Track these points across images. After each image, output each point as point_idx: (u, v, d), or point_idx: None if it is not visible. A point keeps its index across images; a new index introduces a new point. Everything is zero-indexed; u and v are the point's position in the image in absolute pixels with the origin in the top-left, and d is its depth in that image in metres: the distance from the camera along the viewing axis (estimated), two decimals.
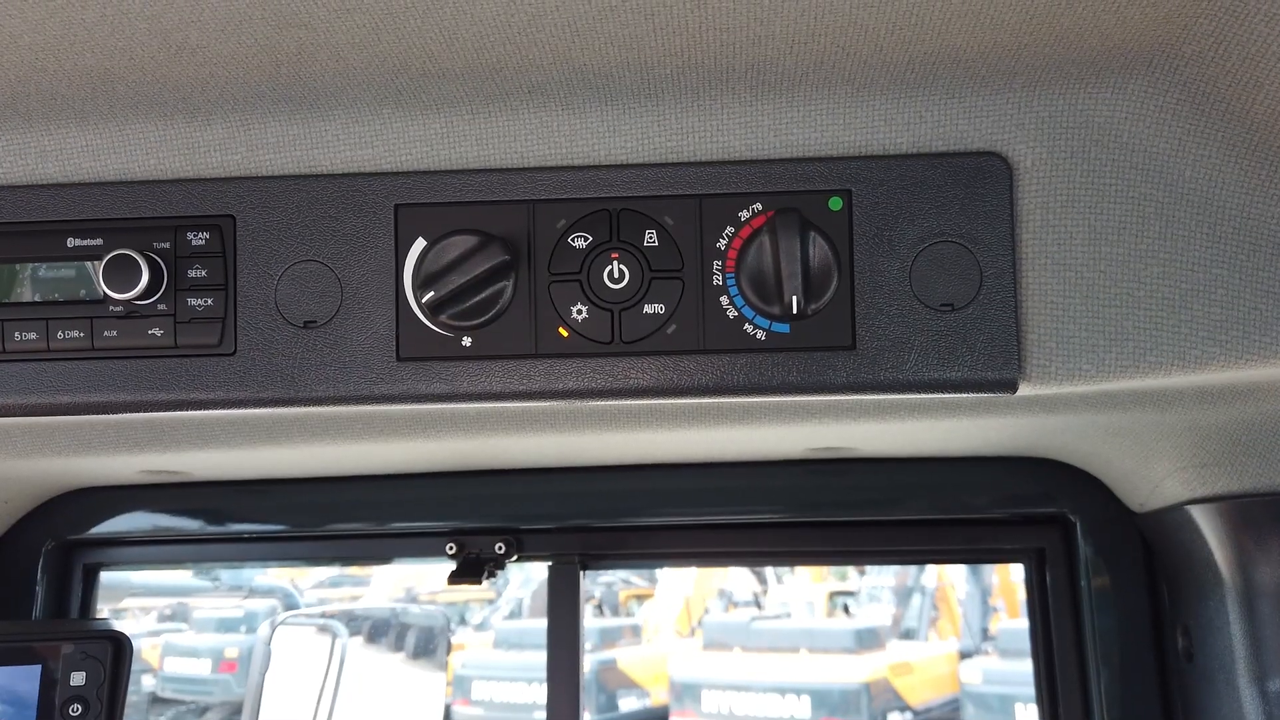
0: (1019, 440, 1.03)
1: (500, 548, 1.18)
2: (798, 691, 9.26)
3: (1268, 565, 0.87)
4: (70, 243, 0.73)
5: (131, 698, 1.04)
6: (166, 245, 0.73)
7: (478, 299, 0.70)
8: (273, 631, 1.69)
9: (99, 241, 0.73)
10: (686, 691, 9.58)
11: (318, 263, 0.73)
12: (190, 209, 0.73)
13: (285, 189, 0.73)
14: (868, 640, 9.94)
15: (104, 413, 0.74)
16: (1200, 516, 0.91)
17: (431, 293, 0.70)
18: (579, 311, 0.72)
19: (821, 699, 9.20)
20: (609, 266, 0.71)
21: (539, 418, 0.88)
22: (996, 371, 0.69)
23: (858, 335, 0.70)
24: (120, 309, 0.73)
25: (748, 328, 0.71)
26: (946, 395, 0.70)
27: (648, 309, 0.71)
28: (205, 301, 0.73)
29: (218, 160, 0.73)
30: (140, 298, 0.71)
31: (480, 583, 1.14)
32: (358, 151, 0.73)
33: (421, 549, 1.20)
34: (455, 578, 1.15)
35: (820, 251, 0.69)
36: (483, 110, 0.72)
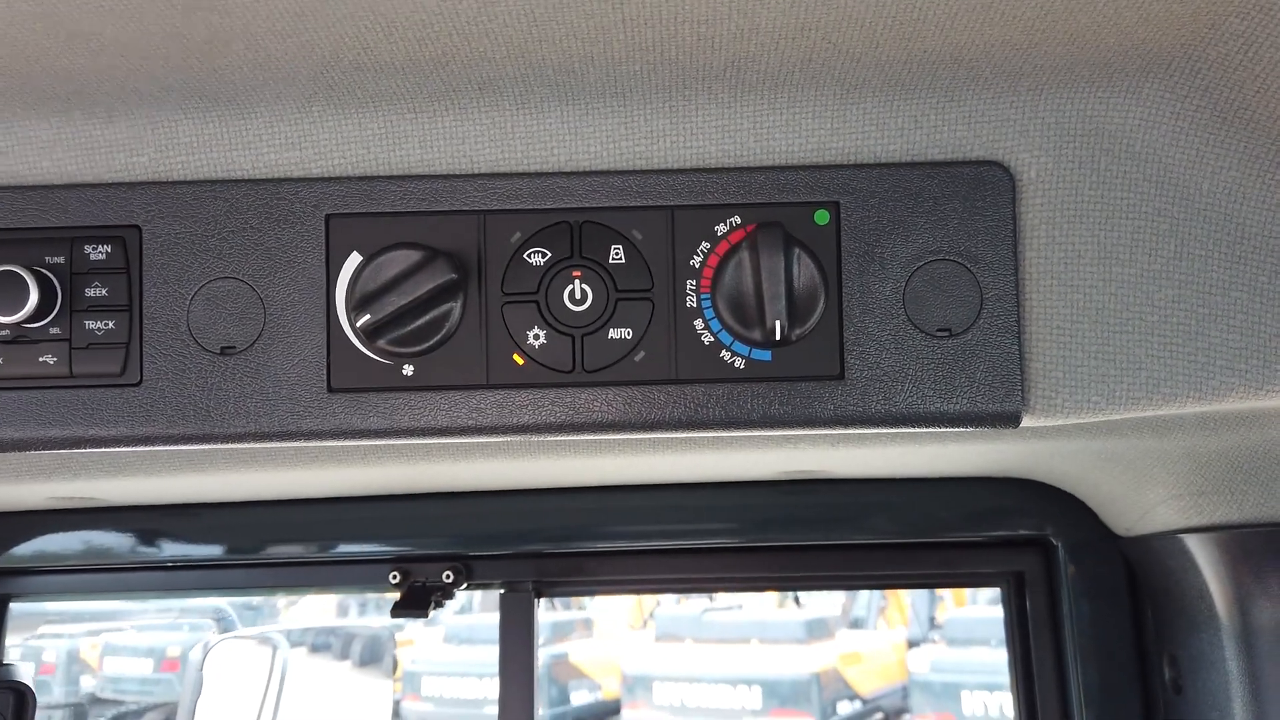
0: (999, 462, 0.97)
1: (448, 576, 1.09)
2: (749, 682, 9.28)
3: (1267, 601, 0.82)
4: None
5: (70, 700, 0.94)
6: (60, 260, 0.64)
7: (421, 322, 0.62)
8: (205, 655, 1.59)
9: None
10: (638, 684, 9.55)
11: (237, 280, 0.64)
12: (88, 218, 0.64)
13: (199, 196, 0.64)
14: (817, 630, 9.99)
15: None
16: (1195, 546, 0.86)
17: (368, 315, 0.62)
18: (536, 336, 0.64)
19: (772, 690, 9.23)
20: (570, 286, 0.64)
21: (489, 447, 0.80)
22: (999, 403, 0.63)
23: (846, 364, 0.63)
24: (5, 333, 0.63)
25: (725, 355, 0.64)
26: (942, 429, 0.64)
27: (613, 334, 0.64)
28: (106, 324, 0.64)
29: (121, 163, 0.64)
30: (29, 320, 0.62)
31: (427, 615, 1.06)
32: (283, 154, 0.64)
33: (363, 577, 1.11)
34: (399, 609, 1.06)
35: (805, 270, 0.62)
36: (426, 109, 0.63)
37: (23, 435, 0.63)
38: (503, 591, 1.13)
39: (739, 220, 0.64)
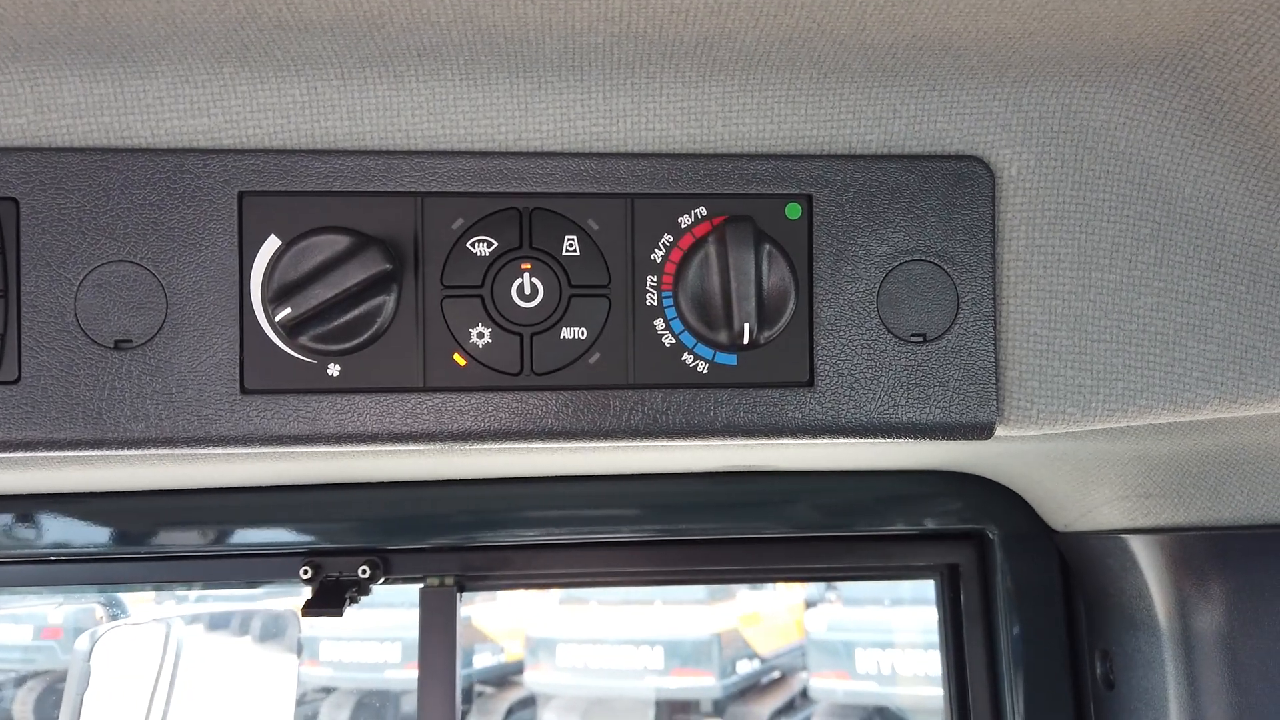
0: (938, 455, 0.95)
1: (364, 570, 1.02)
2: (651, 644, 9.39)
3: (1207, 604, 0.82)
4: None
5: None
6: None
7: (349, 317, 0.56)
8: (93, 645, 1.48)
9: None
10: (542, 646, 9.57)
11: (134, 264, 0.56)
12: None
13: (88, 166, 0.56)
14: (719, 592, 10.15)
15: None
16: (1137, 547, 0.85)
17: (288, 309, 0.54)
18: (480, 335, 0.58)
19: (674, 650, 9.36)
20: (518, 280, 0.58)
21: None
22: (972, 414, 0.59)
23: (816, 370, 0.59)
24: None
25: (687, 358, 0.58)
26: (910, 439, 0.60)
27: (566, 333, 0.58)
28: None
29: None
30: None
31: (341, 613, 0.99)
32: (188, 121, 0.56)
33: (271, 571, 1.03)
34: (311, 607, 0.99)
35: (776, 269, 0.57)
36: (357, 75, 0.56)
37: None
38: (422, 587, 1.07)
39: (704, 212, 0.58)
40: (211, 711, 1.99)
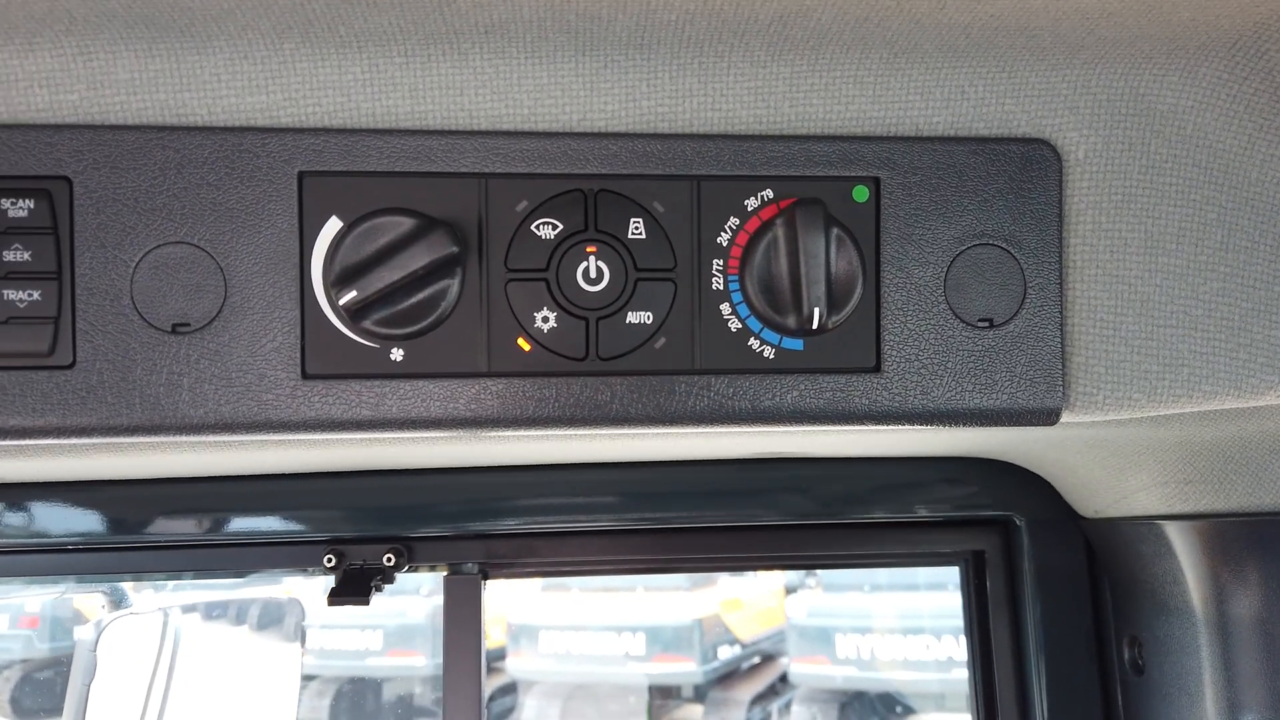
0: (964, 441, 0.94)
1: (389, 558, 1.01)
2: (633, 630, 9.41)
3: (1243, 590, 0.82)
4: None
5: None
6: None
7: (413, 301, 0.54)
8: (99, 635, 1.46)
9: None
10: (524, 633, 9.57)
11: (191, 245, 0.54)
12: (5, 166, 0.53)
13: (144, 144, 0.54)
14: (700, 578, 10.17)
15: None
16: (1173, 533, 0.85)
17: (353, 292, 0.53)
18: (545, 319, 0.56)
19: (656, 636, 9.39)
20: (584, 263, 0.57)
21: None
22: (1039, 400, 0.59)
23: (883, 355, 0.58)
24: None
25: (753, 343, 0.58)
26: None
27: (632, 318, 0.57)
28: (29, 295, 0.53)
29: (43, 101, 0.53)
30: None
31: (368, 602, 0.98)
32: (246, 98, 0.55)
33: (293, 559, 1.02)
34: (337, 596, 0.98)
35: (844, 252, 0.56)
36: (420, 52, 0.55)
37: None
38: (446, 575, 1.06)
39: (771, 194, 0.57)
40: (214, 701, 1.97)
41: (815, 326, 0.55)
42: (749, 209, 0.57)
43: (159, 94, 0.54)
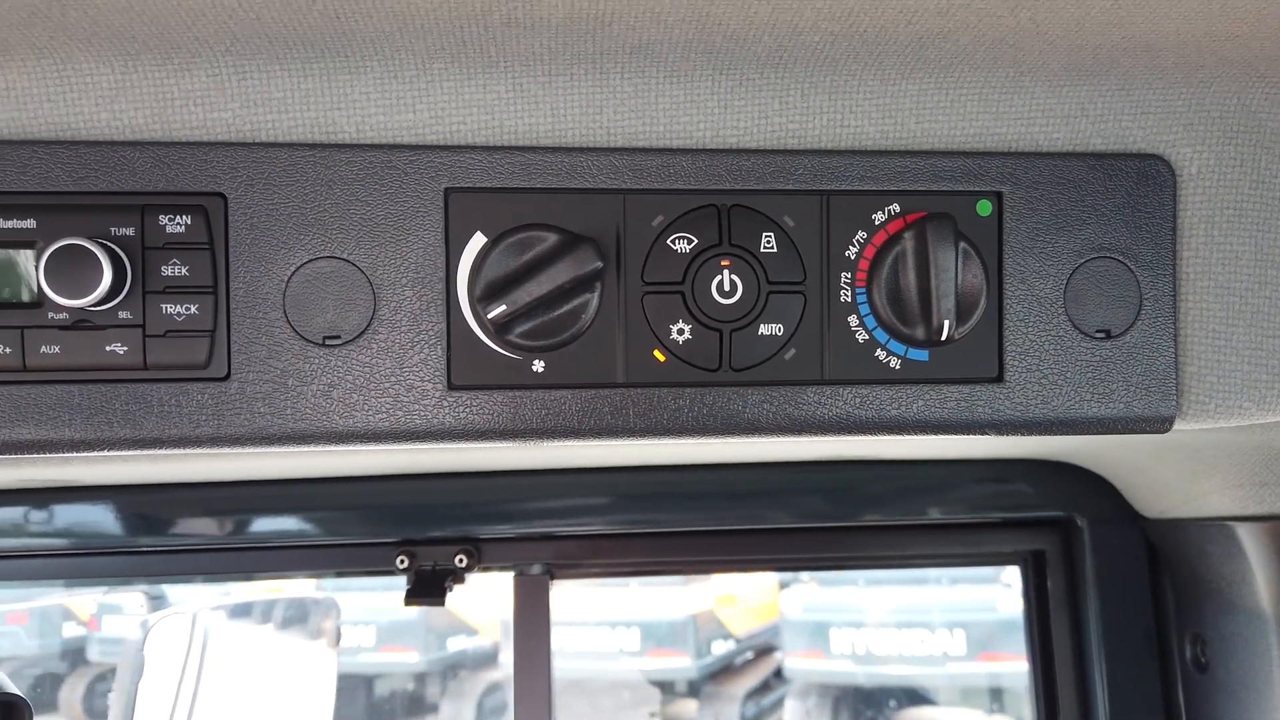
0: (1026, 443, 0.96)
1: (461, 559, 1.03)
2: (627, 625, 9.44)
3: None
4: None
5: None
6: (129, 232, 0.54)
7: (556, 314, 0.56)
8: (146, 635, 1.46)
9: (29, 223, 0.53)
10: None
11: (343, 260, 0.56)
12: (162, 183, 0.54)
13: (296, 161, 0.55)
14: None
15: (38, 452, 0.55)
16: (1245, 534, 0.87)
17: (502, 306, 0.55)
18: (680, 331, 0.58)
19: (650, 631, 9.42)
20: (718, 276, 0.58)
21: None
22: (1153, 408, 0.61)
23: (1005, 365, 0.60)
24: (64, 316, 0.53)
25: (880, 354, 0.59)
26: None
27: (764, 329, 0.58)
28: (187, 309, 0.54)
29: (198, 119, 0.55)
30: (98, 302, 0.52)
31: (443, 602, 0.99)
32: (394, 116, 0.56)
33: (366, 560, 1.03)
34: (413, 597, 0.99)
35: (970, 265, 0.58)
36: (564, 72, 0.56)
37: (86, 436, 0.54)
38: (516, 575, 1.07)
39: (898, 209, 0.59)
40: (252, 700, 1.97)
41: (944, 338, 0.57)
42: (876, 223, 0.59)
43: (310, 112, 0.55)
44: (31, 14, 0.49)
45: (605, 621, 9.49)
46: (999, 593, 6.66)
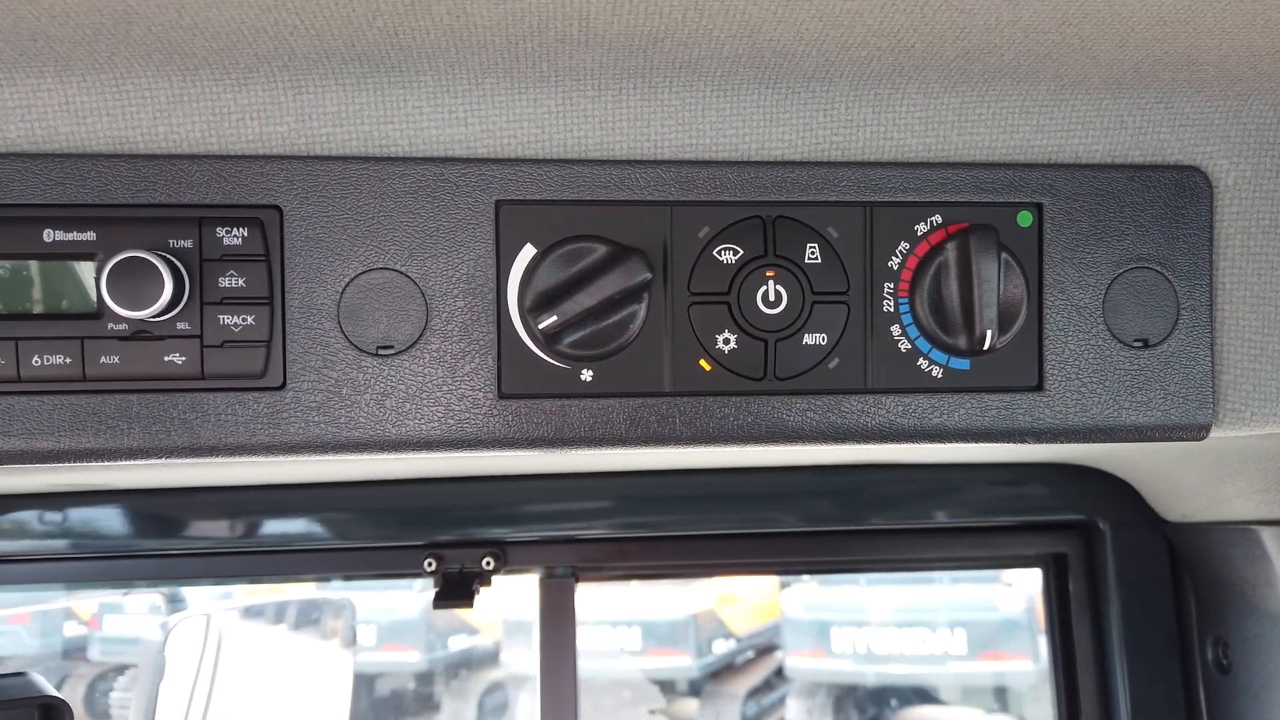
0: (1052, 446, 0.97)
1: (488, 562, 1.04)
2: (628, 624, 9.45)
3: None
4: (48, 235, 0.54)
5: None
6: (187, 244, 0.55)
7: (606, 324, 0.57)
8: (167, 636, 1.47)
9: (89, 236, 0.54)
10: (519, 629, 9.59)
11: (395, 271, 0.56)
12: (219, 195, 0.55)
13: (350, 174, 0.56)
14: None
15: (97, 460, 0.56)
16: (1269, 538, 0.88)
17: (553, 317, 0.55)
18: (725, 341, 0.59)
19: (650, 631, 9.43)
20: (763, 287, 0.59)
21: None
22: (1190, 416, 0.62)
23: (1045, 374, 0.61)
24: (124, 327, 0.54)
25: (922, 363, 0.60)
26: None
27: (808, 339, 0.59)
28: (243, 319, 0.55)
29: (254, 132, 0.55)
30: (157, 314, 0.53)
31: (472, 604, 1.00)
32: (446, 130, 0.57)
33: (394, 563, 1.04)
34: (442, 600, 1.00)
35: (1011, 275, 0.59)
36: (612, 86, 0.57)
37: (144, 444, 0.55)
38: (541, 577, 1.08)
39: (940, 220, 0.60)
40: (261, 703, 1.98)
41: (986, 347, 0.58)
42: (919, 233, 0.60)
43: (364, 126, 0.56)
44: (97, 31, 0.50)
45: (606, 620, 9.50)
46: (1000, 592, 6.67)
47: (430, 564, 1.03)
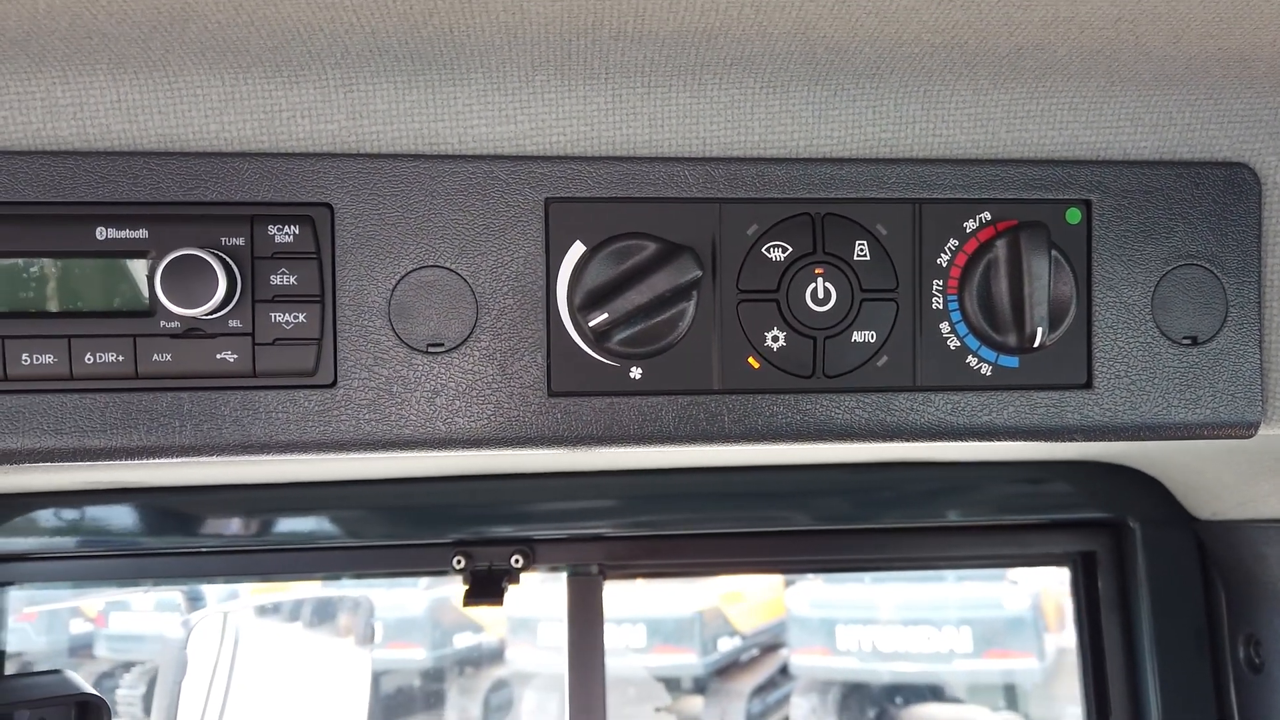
0: (1083, 446, 0.97)
1: (517, 560, 1.03)
2: (634, 621, 9.46)
3: None
4: (100, 233, 0.54)
5: None
6: (239, 242, 0.55)
7: (655, 321, 0.56)
8: (189, 634, 1.47)
9: (141, 233, 0.54)
10: (523, 626, 9.60)
11: (446, 269, 0.56)
12: (270, 193, 0.55)
13: (400, 171, 0.56)
14: None
15: (149, 458, 0.56)
16: None
17: (604, 314, 0.55)
18: (774, 338, 0.59)
19: (656, 628, 9.43)
20: (812, 284, 0.59)
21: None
22: (1239, 414, 0.61)
23: (1094, 372, 0.61)
24: (176, 325, 0.54)
25: (971, 361, 0.60)
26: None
27: (857, 337, 0.59)
28: (295, 317, 0.55)
29: (305, 130, 0.55)
30: (210, 311, 0.53)
31: (501, 603, 1.00)
32: (496, 127, 0.57)
33: (422, 561, 1.04)
34: (472, 598, 1.00)
35: (1061, 272, 0.59)
36: (661, 83, 0.57)
37: (196, 441, 0.55)
38: (569, 575, 1.08)
39: (989, 216, 0.60)
40: (280, 700, 1.99)
41: (1036, 345, 0.58)
42: (968, 231, 0.60)
43: (414, 123, 0.56)
44: (153, 29, 0.50)
45: (611, 618, 9.50)
46: (1005, 589, 6.66)
47: (459, 561, 1.03)
